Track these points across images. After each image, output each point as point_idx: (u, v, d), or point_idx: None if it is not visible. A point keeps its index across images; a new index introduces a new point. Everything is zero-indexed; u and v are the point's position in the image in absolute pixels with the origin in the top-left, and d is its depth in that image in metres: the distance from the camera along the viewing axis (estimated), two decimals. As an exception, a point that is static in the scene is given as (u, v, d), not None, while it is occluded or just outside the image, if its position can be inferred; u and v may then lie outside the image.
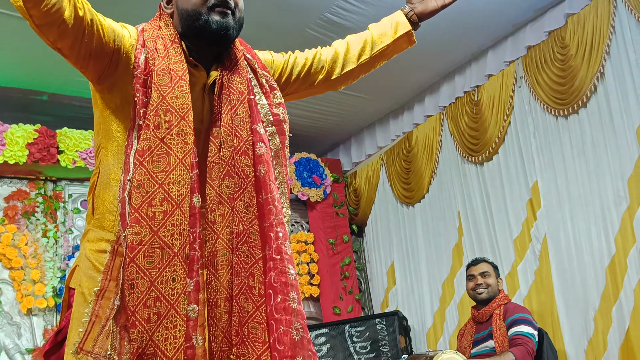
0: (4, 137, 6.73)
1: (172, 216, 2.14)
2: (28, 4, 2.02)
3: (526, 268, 6.53)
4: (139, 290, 2.07)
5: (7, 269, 6.72)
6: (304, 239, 8.53)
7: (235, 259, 2.21)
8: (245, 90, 2.41)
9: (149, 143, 2.20)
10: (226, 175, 2.28)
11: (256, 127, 2.35)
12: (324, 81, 2.81)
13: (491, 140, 6.94)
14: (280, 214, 2.25)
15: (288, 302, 2.14)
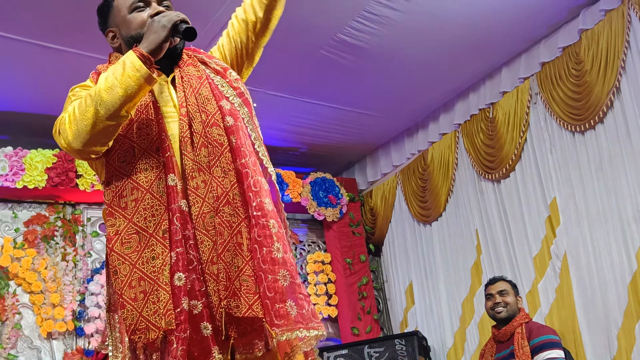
0: (24, 162, 6.78)
1: (142, 201, 2.33)
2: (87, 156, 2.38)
3: (547, 286, 6.47)
4: (122, 275, 2.27)
5: (27, 293, 6.73)
6: (321, 259, 8.51)
7: (217, 219, 2.32)
8: (202, 75, 2.58)
9: (114, 143, 2.40)
10: (202, 146, 2.41)
11: (221, 104, 2.50)
12: (254, 34, 2.86)
13: (507, 157, 6.90)
14: (257, 175, 2.38)
15: (272, 253, 2.25)
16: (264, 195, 2.34)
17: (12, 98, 6.59)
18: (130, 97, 2.25)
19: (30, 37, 5.74)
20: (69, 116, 2.30)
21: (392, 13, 5.95)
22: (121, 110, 2.25)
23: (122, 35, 2.62)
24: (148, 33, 2.38)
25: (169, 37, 2.37)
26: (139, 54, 2.29)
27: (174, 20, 2.36)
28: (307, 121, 7.72)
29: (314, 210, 8.43)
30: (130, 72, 2.24)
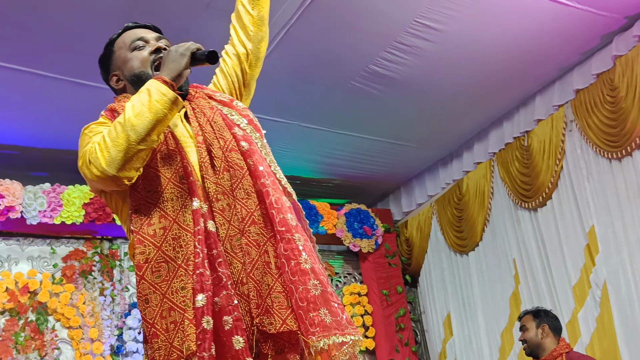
0: (61, 199, 6.86)
1: (170, 230, 2.33)
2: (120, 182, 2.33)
3: (587, 315, 6.40)
4: (153, 304, 2.26)
5: (66, 328, 6.78)
6: (357, 290, 8.48)
7: (244, 240, 2.34)
8: (213, 106, 2.64)
9: (144, 174, 2.40)
10: (224, 170, 2.44)
11: (234, 131, 2.54)
12: (248, 65, 2.93)
13: (544, 185, 6.86)
14: (277, 193, 2.42)
15: (301, 264, 2.26)
16: (286, 211, 2.37)
17: (50, 135, 6.68)
18: (160, 121, 2.29)
19: (67, 75, 5.83)
20: (99, 145, 2.32)
21: (424, 43, 5.97)
22: (152, 134, 2.28)
23: (125, 75, 2.69)
24: (167, 62, 2.44)
25: (189, 64, 2.44)
26: (163, 80, 2.35)
27: (191, 48, 2.44)
28: (341, 152, 7.74)
29: (349, 242, 8.42)
30: (157, 97, 2.29)
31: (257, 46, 2.92)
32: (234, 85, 2.89)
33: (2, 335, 6.45)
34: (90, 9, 5.11)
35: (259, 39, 2.93)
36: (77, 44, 5.46)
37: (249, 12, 2.93)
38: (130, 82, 2.67)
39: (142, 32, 2.75)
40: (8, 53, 5.48)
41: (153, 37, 2.73)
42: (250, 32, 2.91)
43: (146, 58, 2.65)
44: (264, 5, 2.95)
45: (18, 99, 6.04)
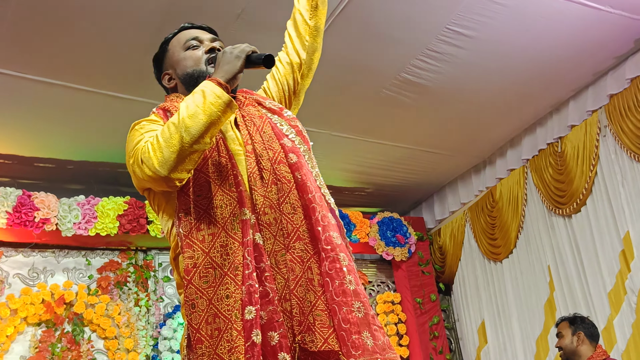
0: (96, 210, 6.92)
1: (219, 237, 2.32)
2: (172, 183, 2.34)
3: (623, 321, 6.34)
4: (199, 309, 2.25)
5: (102, 338, 6.83)
6: (390, 299, 8.46)
7: (289, 256, 2.33)
8: (262, 115, 2.62)
9: (194, 178, 2.41)
10: (272, 183, 2.43)
11: (283, 142, 2.52)
12: (301, 75, 2.93)
13: (578, 191, 6.82)
14: (324, 210, 2.40)
15: (345, 285, 2.24)
16: (331, 228, 2.35)
17: (85, 148, 6.75)
18: (214, 123, 2.28)
19: (101, 89, 5.88)
20: (152, 145, 2.32)
21: (456, 50, 5.96)
22: (205, 136, 2.27)
23: (178, 75, 2.72)
24: (222, 64, 2.43)
25: (243, 67, 2.43)
26: (217, 82, 2.33)
27: (247, 50, 2.43)
28: (373, 161, 7.74)
29: (382, 250, 8.41)
30: (212, 99, 2.28)
31: (311, 57, 2.91)
32: (284, 93, 2.88)
33: (39, 347, 6.50)
34: (124, 23, 5.16)
35: (314, 50, 2.92)
36: (111, 57, 5.51)
37: (306, 21, 2.91)
38: (183, 81, 2.70)
39: (197, 32, 2.77)
40: (43, 67, 5.54)
41: (208, 37, 2.75)
42: (306, 42, 2.90)
43: (200, 57, 2.67)
44: (321, 16, 2.94)
45: (53, 113, 6.10)
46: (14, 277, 6.74)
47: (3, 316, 6.41)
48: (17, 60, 5.43)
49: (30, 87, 5.68)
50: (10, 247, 6.82)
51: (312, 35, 2.90)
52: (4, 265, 6.72)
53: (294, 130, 2.60)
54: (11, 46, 5.24)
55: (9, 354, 6.42)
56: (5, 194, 6.61)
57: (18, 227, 6.58)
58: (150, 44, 5.34)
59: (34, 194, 6.74)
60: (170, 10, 5.05)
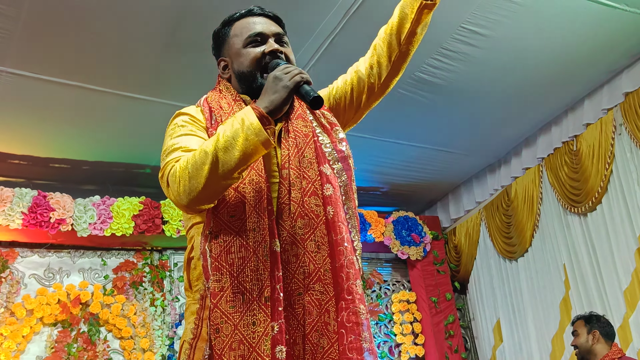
0: (111, 211, 6.94)
1: (249, 262, 2.21)
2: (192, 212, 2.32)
3: (638, 320, 6.32)
4: (224, 334, 2.16)
5: (118, 338, 6.86)
6: (405, 298, 8.46)
7: (307, 297, 2.24)
8: (309, 132, 2.45)
9: (223, 195, 2.29)
10: (298, 217, 2.30)
11: (322, 169, 2.37)
12: (368, 96, 2.74)
13: (593, 190, 6.79)
14: (351, 254, 2.27)
15: (360, 341, 2.16)
16: (355, 277, 2.24)
17: (100, 149, 6.78)
18: (247, 159, 2.17)
19: (116, 89, 5.89)
20: (181, 170, 2.22)
21: (470, 49, 5.94)
22: (236, 171, 2.18)
23: (234, 68, 2.58)
24: (269, 91, 2.29)
25: (290, 98, 2.30)
26: (259, 114, 2.20)
27: (297, 81, 2.29)
28: (388, 160, 7.73)
29: (397, 250, 8.40)
30: (249, 135, 2.17)
31: (388, 82, 2.73)
32: (344, 102, 2.72)
33: (55, 347, 6.53)
34: (138, 23, 5.17)
35: (394, 74, 2.72)
36: (126, 58, 5.53)
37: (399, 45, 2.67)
38: (237, 77, 2.57)
39: (262, 24, 2.60)
40: (57, 68, 5.56)
41: (272, 32, 2.59)
42: (389, 65, 2.69)
43: (258, 58, 2.52)
44: (415, 44, 2.70)
45: (68, 114, 6.12)
46: (29, 277, 6.77)
47: (19, 316, 6.44)
48: (32, 62, 5.44)
49: (44, 88, 5.69)
50: (26, 247, 6.86)
51: (399, 61, 2.69)
52: (19, 266, 6.76)
53: (337, 157, 2.46)
54: (25, 47, 5.25)
55: (25, 354, 6.45)
56: (20, 194, 6.63)
57: (33, 227, 6.61)
58: (165, 44, 5.38)
59: (50, 195, 6.77)
60: (185, 11, 5.05)
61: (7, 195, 6.57)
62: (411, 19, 2.60)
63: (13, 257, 6.73)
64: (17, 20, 4.96)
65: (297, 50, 5.53)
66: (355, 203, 2.47)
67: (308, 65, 5.82)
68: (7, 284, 6.57)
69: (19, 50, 5.28)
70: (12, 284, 6.60)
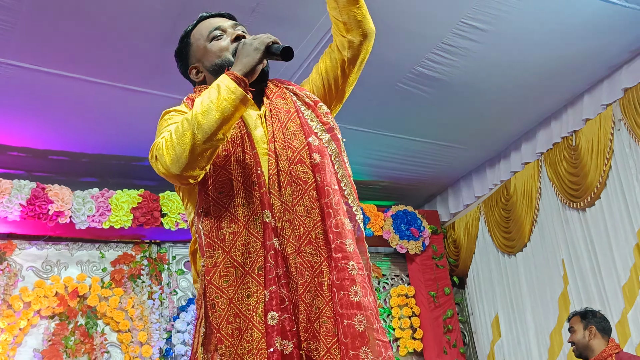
0: (110, 203, 6.92)
1: (240, 235, 2.29)
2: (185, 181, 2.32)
3: (637, 315, 6.32)
4: (220, 309, 2.22)
5: (115, 331, 6.86)
6: (404, 292, 8.46)
7: (299, 259, 2.28)
8: (291, 108, 2.54)
9: (211, 172, 2.37)
10: (287, 185, 2.37)
11: (310, 140, 2.45)
12: (343, 73, 2.72)
13: (592, 185, 6.79)
14: (341, 214, 2.33)
15: (349, 296, 2.19)
16: (345, 236, 2.29)
17: (99, 141, 6.77)
18: (227, 119, 2.24)
19: (116, 82, 5.89)
20: (166, 141, 2.29)
21: (470, 44, 5.94)
22: (218, 133, 2.23)
23: (206, 67, 2.65)
24: (240, 57, 2.38)
25: (262, 59, 2.37)
26: (234, 76, 2.29)
27: (266, 42, 2.37)
28: (388, 154, 7.73)
29: (396, 244, 8.40)
30: (225, 95, 2.25)
31: (355, 57, 2.71)
32: (324, 87, 2.74)
33: (52, 340, 6.53)
34: (139, 16, 5.17)
35: (359, 50, 2.71)
36: (126, 50, 5.53)
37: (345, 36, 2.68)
38: (211, 72, 2.63)
39: (218, 21, 2.71)
40: (58, 60, 5.56)
41: (229, 25, 2.69)
42: (348, 44, 2.68)
43: (225, 47, 2.61)
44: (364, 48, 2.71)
45: (68, 106, 6.11)
46: (27, 269, 6.77)
47: (16, 309, 6.44)
48: (32, 54, 5.44)
49: (45, 79, 5.69)
50: (24, 239, 6.86)
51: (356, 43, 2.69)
52: (17, 258, 6.76)
53: (324, 128, 2.53)
54: (26, 39, 5.25)
55: (22, 346, 6.45)
56: (19, 186, 6.62)
57: (32, 219, 6.60)
58: (166, 37, 5.37)
59: (48, 187, 6.76)
60: (186, 3, 5.05)
61: (5, 187, 6.56)
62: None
63: (11, 249, 6.73)
64: (18, 12, 4.96)
65: (297, 44, 5.53)
66: (349, 172, 2.52)
67: (308, 60, 5.82)
68: (4, 276, 6.57)
69: (20, 42, 5.28)
70: (9, 276, 6.60)
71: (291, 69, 5.83)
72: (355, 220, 2.42)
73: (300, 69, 5.87)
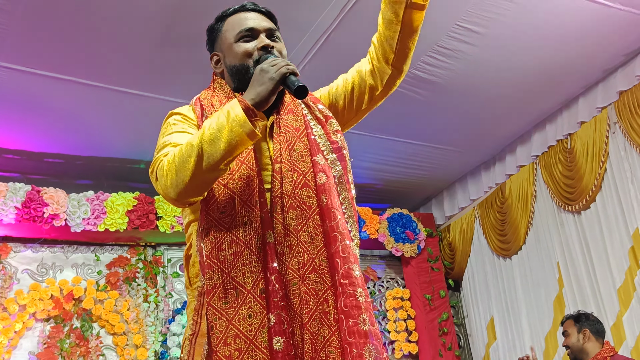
0: (105, 206, 6.92)
1: (241, 256, 2.24)
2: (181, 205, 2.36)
3: (632, 318, 6.33)
4: (217, 331, 2.18)
5: (111, 334, 6.85)
6: (399, 295, 8.46)
7: (303, 287, 2.24)
8: (301, 126, 2.48)
9: (214, 192, 2.32)
10: (290, 208, 2.32)
11: (316, 159, 2.40)
12: (371, 97, 2.68)
13: (587, 188, 6.80)
14: (346, 239, 2.27)
15: (359, 324, 2.15)
16: (352, 261, 2.23)
17: (95, 143, 6.76)
18: (232, 151, 2.19)
19: (112, 84, 5.89)
20: (169, 163, 2.25)
21: (466, 47, 5.94)
22: (221, 163, 2.20)
23: (226, 63, 2.59)
24: (255, 83, 2.30)
25: (277, 89, 2.30)
26: (245, 106, 2.21)
27: (283, 72, 2.28)
28: (383, 157, 7.73)
29: (391, 246, 8.40)
30: (234, 127, 2.19)
31: (388, 89, 2.68)
32: (345, 103, 2.69)
33: (47, 342, 6.52)
34: (134, 18, 5.16)
35: (393, 81, 2.67)
36: (121, 53, 5.52)
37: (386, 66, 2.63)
38: (229, 71, 2.58)
39: (254, 20, 2.60)
40: (53, 63, 5.55)
41: (264, 28, 2.58)
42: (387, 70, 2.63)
43: (250, 52, 2.52)
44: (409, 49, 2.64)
45: (62, 108, 6.11)
46: (22, 272, 6.76)
47: (12, 312, 6.44)
48: (27, 56, 5.43)
49: (40, 82, 5.69)
50: (19, 242, 6.85)
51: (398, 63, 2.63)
52: (12, 261, 6.75)
53: (332, 147, 2.47)
54: (21, 42, 5.25)
55: (17, 349, 6.45)
56: (14, 189, 6.62)
57: (27, 222, 6.59)
58: (161, 40, 5.37)
59: (43, 190, 6.75)
60: (180, 7, 5.04)
61: (0, 190, 6.55)
62: (398, 24, 2.57)
63: (6, 252, 6.72)
64: (13, 15, 4.96)
65: (292, 47, 5.53)
66: (352, 194, 2.47)
67: (304, 62, 5.82)
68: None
69: (15, 45, 5.27)
70: (4, 279, 6.59)
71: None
72: (354, 243, 2.36)
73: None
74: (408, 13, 2.54)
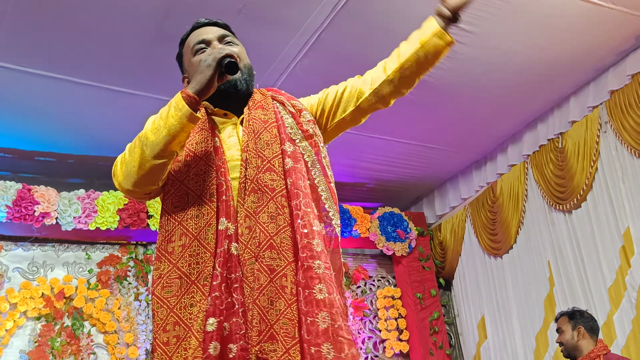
0: (96, 204, 6.91)
1: (189, 247, 2.34)
2: (139, 196, 2.48)
3: (622, 317, 6.34)
4: (158, 318, 2.28)
5: (102, 333, 6.84)
6: (391, 294, 8.46)
7: (257, 265, 2.30)
8: (270, 119, 2.58)
9: (170, 187, 2.46)
10: (251, 192, 2.41)
11: (284, 147, 2.49)
12: (355, 108, 2.82)
13: (579, 187, 6.81)
14: (309, 216, 2.35)
15: (314, 294, 2.22)
16: (312, 236, 2.31)
17: (86, 142, 6.74)
18: (174, 136, 2.32)
19: (103, 83, 5.88)
20: (121, 158, 2.41)
21: (457, 46, 5.89)
22: (166, 149, 2.32)
23: (190, 80, 2.63)
24: (195, 74, 2.41)
25: (215, 75, 2.38)
26: (185, 94, 2.34)
27: (217, 57, 2.39)
28: (374, 156, 7.73)
29: (382, 245, 8.41)
30: (173, 112, 2.33)
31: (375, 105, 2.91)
32: (330, 111, 2.76)
33: (38, 341, 6.51)
34: (125, 17, 5.15)
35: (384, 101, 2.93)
36: (113, 51, 5.51)
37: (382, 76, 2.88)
38: None
39: (205, 32, 2.69)
40: (44, 61, 5.54)
41: (215, 36, 2.67)
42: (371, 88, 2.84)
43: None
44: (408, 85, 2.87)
45: (54, 106, 6.09)
46: (13, 271, 6.75)
47: (2, 310, 6.42)
48: (18, 54, 5.42)
49: (30, 80, 5.67)
50: (10, 241, 6.84)
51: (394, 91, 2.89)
52: (3, 259, 6.73)
53: (303, 135, 2.57)
54: (12, 40, 5.23)
55: (8, 348, 6.43)
56: (5, 187, 6.60)
57: (18, 221, 6.58)
58: (153, 38, 5.36)
59: (34, 188, 6.74)
60: (172, 5, 5.04)
61: (-9, 188, 6.55)
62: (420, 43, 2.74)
63: (-3, 250, 6.72)
64: (4, 13, 4.94)
65: (283, 46, 5.53)
66: (330, 178, 2.57)
67: (294, 61, 5.81)
68: (-10, 278, 6.55)
69: (5, 43, 5.26)
70: (-5, 278, 6.58)
71: (277, 71, 5.82)
72: (331, 225, 2.48)
73: (286, 71, 5.86)
74: (432, 39, 2.74)
